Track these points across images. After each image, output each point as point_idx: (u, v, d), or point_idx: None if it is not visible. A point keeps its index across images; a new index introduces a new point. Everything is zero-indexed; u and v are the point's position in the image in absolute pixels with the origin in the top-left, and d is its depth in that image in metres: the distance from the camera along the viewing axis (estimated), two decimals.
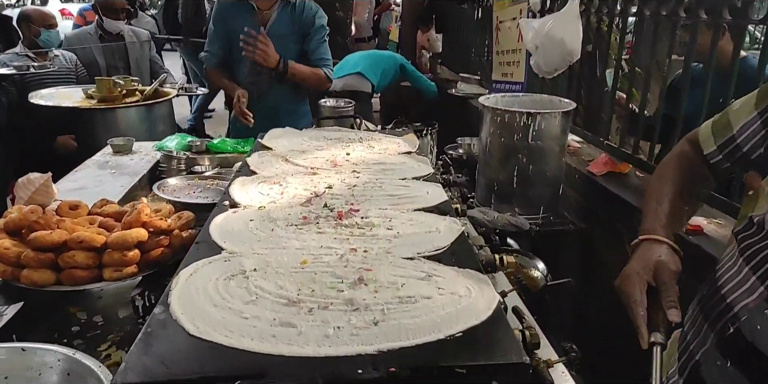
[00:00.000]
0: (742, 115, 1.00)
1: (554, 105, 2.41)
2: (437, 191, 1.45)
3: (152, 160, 2.40)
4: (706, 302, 0.93)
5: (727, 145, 1.03)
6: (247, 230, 1.19)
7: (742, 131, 0.99)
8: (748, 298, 0.84)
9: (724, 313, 0.87)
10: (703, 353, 0.91)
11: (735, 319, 0.85)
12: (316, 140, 1.97)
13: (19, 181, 1.61)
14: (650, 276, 0.97)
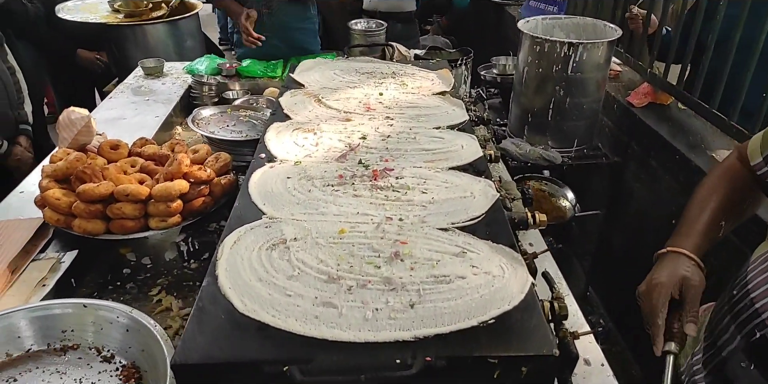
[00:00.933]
0: None
1: (598, 31, 2.28)
2: (472, 145, 1.44)
3: (184, 84, 2.38)
4: (736, 304, 0.96)
5: None
6: (285, 191, 1.22)
7: None
8: None
9: (752, 318, 0.90)
10: (729, 352, 0.95)
11: (763, 326, 0.87)
12: (348, 74, 1.93)
13: (60, 120, 1.63)
14: (676, 290, 0.98)
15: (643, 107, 2.33)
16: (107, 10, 2.93)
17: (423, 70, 1.96)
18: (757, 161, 1.04)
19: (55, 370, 1.03)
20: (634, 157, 2.32)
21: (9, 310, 1.04)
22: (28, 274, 1.23)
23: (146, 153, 1.59)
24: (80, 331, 1.07)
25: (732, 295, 1.02)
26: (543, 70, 2.17)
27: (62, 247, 1.36)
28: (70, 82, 3.65)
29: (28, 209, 1.47)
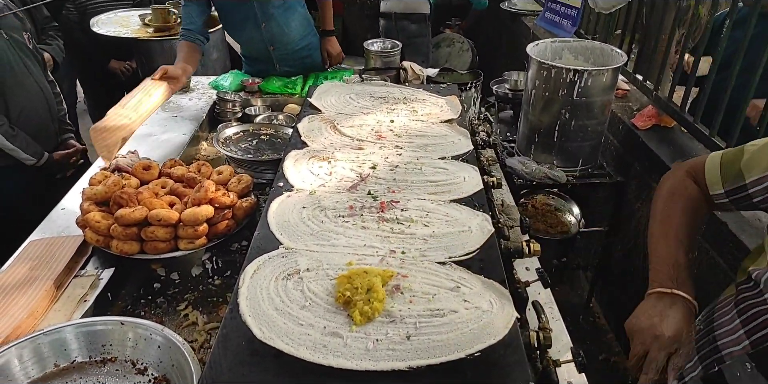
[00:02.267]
0: (756, 169, 1.04)
1: (605, 55, 2.36)
2: (474, 177, 1.55)
3: (209, 101, 2.53)
4: (701, 338, 1.06)
5: (737, 192, 1.09)
6: (300, 221, 1.36)
7: (756, 184, 1.04)
8: (734, 347, 0.96)
9: (713, 352, 1.01)
10: (691, 378, 1.06)
11: (721, 361, 0.98)
12: (362, 99, 2.05)
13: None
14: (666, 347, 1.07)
15: (647, 129, 2.41)
16: (138, 23, 3.08)
17: (433, 96, 2.08)
18: (718, 192, 1.13)
19: (96, 380, 1.18)
20: (636, 177, 2.41)
21: (59, 325, 1.19)
22: (71, 290, 1.39)
23: (175, 174, 1.74)
24: (118, 345, 1.22)
25: (699, 329, 1.13)
26: (549, 94, 2.26)
27: (101, 264, 1.51)
28: (99, 85, 3.83)
29: (70, 226, 1.63)
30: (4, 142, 2.09)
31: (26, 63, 2.22)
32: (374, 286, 1.10)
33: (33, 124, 2.22)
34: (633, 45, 2.74)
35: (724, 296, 1.14)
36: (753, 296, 0.96)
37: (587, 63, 2.44)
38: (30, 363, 1.14)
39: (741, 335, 0.96)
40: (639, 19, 2.73)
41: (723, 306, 1.07)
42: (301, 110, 2.03)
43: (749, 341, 0.94)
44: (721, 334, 1.03)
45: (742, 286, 1.01)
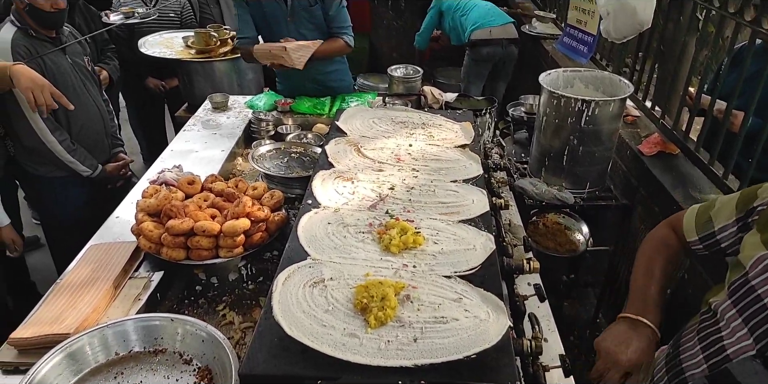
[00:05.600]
0: (723, 217, 1.23)
1: (614, 85, 2.53)
2: (482, 200, 1.74)
3: (245, 119, 2.76)
4: (670, 360, 1.24)
5: (708, 239, 1.28)
6: (325, 236, 1.55)
7: (722, 231, 1.23)
8: (695, 369, 1.13)
9: (679, 374, 1.18)
10: None
11: (684, 382, 1.15)
12: (384, 123, 2.25)
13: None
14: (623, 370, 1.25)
15: (653, 155, 2.56)
16: (181, 45, 3.34)
17: (449, 121, 2.27)
18: (693, 239, 1.31)
19: (149, 368, 1.39)
20: (641, 202, 2.56)
21: (122, 319, 1.40)
22: (127, 290, 1.60)
23: (216, 189, 1.96)
24: (169, 339, 1.42)
25: (669, 352, 1.29)
26: (559, 121, 2.43)
27: (152, 267, 1.73)
28: (140, 98, 4.11)
29: (125, 233, 1.85)
30: (65, 156, 2.35)
31: (86, 84, 2.48)
32: (388, 295, 1.28)
33: (90, 139, 2.48)
34: (644, 71, 2.90)
35: (690, 324, 1.30)
36: (711, 325, 1.13)
37: (597, 91, 2.60)
38: (98, 350, 1.35)
39: (700, 359, 1.12)
40: (654, 44, 2.88)
41: (688, 333, 1.24)
42: (329, 132, 2.24)
43: (707, 365, 1.11)
44: (685, 358, 1.20)
45: (704, 316, 1.17)
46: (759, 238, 1.12)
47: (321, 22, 2.80)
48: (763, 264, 1.09)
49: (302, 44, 2.69)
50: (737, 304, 1.09)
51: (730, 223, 1.22)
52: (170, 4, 3.75)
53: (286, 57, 2.65)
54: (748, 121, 2.05)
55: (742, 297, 1.09)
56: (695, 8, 2.48)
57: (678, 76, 2.61)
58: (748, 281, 1.10)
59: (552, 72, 2.61)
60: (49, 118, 2.36)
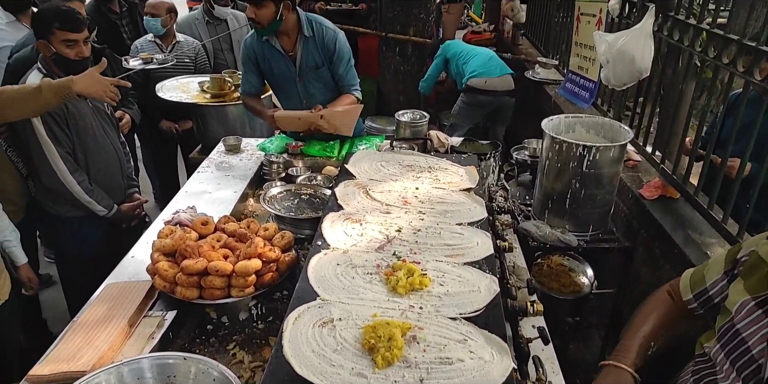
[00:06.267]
0: (713, 272, 1.32)
1: (614, 131, 2.61)
2: (486, 243, 1.79)
3: (257, 161, 2.86)
4: None
5: (701, 296, 1.36)
6: (334, 276, 1.61)
7: (713, 286, 1.32)
8: None
9: None
10: None
11: None
12: (391, 166, 2.33)
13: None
14: None
15: (653, 200, 2.62)
16: (197, 89, 3.48)
17: (455, 165, 2.35)
18: (688, 298, 1.39)
19: None
20: (642, 244, 2.61)
21: (138, 357, 1.44)
22: (141, 328, 1.65)
23: (228, 230, 2.02)
24: (182, 377, 1.46)
25: None
26: (561, 165, 2.51)
27: (165, 306, 1.78)
28: (154, 138, 4.24)
29: (139, 272, 1.91)
30: (83, 196, 2.44)
31: (105, 127, 2.59)
32: (395, 336, 1.33)
33: (107, 180, 2.58)
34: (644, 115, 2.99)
35: (686, 367, 1.35)
36: (707, 368, 1.18)
37: (598, 136, 2.69)
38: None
39: None
40: (653, 89, 2.98)
41: (684, 375, 1.28)
42: (338, 175, 2.32)
43: None
44: None
45: (699, 359, 1.22)
46: (743, 285, 1.20)
47: (329, 81, 2.93)
48: (746, 308, 1.15)
49: (341, 111, 2.78)
50: (724, 347, 1.14)
51: (719, 277, 1.32)
52: (186, 51, 3.92)
53: (325, 124, 2.75)
54: (744, 167, 2.12)
55: (728, 340, 1.14)
56: (692, 56, 2.59)
57: (677, 121, 2.70)
58: (734, 325, 1.17)
59: (554, 118, 2.70)
60: (69, 160, 2.46)
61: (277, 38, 2.79)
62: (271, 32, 2.73)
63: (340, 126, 2.79)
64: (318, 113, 2.75)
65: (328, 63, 2.87)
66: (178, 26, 4.06)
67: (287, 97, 3.00)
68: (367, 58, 5.60)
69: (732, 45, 2.16)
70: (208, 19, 4.19)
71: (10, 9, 3.49)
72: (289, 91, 2.96)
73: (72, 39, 2.37)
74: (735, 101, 2.52)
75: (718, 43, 2.26)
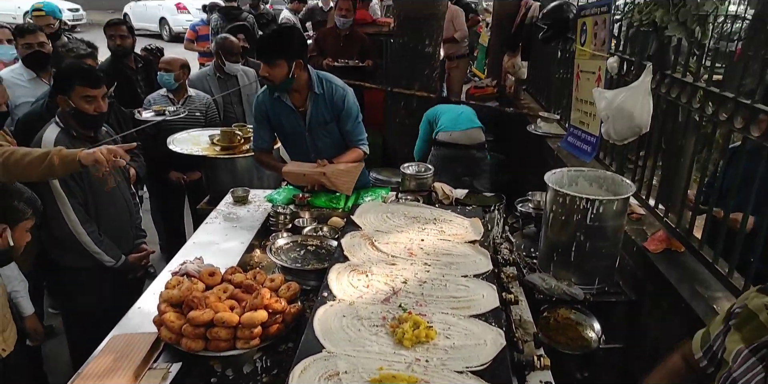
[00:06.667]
0: (716, 328, 1.36)
1: (616, 185, 2.65)
2: (491, 295, 1.80)
3: (264, 212, 2.90)
4: None
5: (708, 352, 1.40)
6: (340, 328, 1.61)
7: (716, 340, 1.36)
8: None
9: None
10: None
11: None
12: (397, 217, 2.36)
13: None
14: None
15: (658, 253, 2.63)
16: (207, 142, 3.58)
17: (459, 217, 2.38)
18: (698, 356, 1.40)
19: None
20: (649, 297, 2.59)
21: None
22: (146, 380, 1.64)
23: (235, 280, 2.04)
24: None
25: None
26: (565, 217, 2.53)
27: (170, 358, 1.77)
28: (163, 191, 4.30)
29: (145, 323, 1.91)
30: (92, 246, 2.47)
31: (116, 179, 2.65)
32: None
33: (116, 230, 2.61)
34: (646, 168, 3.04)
35: None
36: None
37: (601, 189, 2.73)
38: None
39: None
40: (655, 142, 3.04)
41: None
42: (344, 226, 2.35)
43: None
44: None
45: None
46: (738, 336, 1.26)
47: (337, 136, 3.03)
48: (741, 356, 1.21)
49: (342, 169, 2.86)
50: None
51: (720, 331, 1.37)
52: (198, 105, 4.05)
53: (327, 181, 2.82)
54: (746, 221, 2.14)
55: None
56: (690, 112, 2.66)
57: (679, 174, 2.74)
58: (731, 375, 1.22)
59: (557, 171, 2.76)
60: (80, 210, 2.50)
61: (288, 95, 2.89)
62: (284, 90, 2.83)
63: (340, 184, 2.86)
64: (321, 170, 2.82)
65: (337, 119, 2.96)
66: (191, 81, 4.21)
67: (296, 150, 3.08)
68: (372, 111, 5.75)
69: (728, 102, 2.23)
70: (219, 75, 4.35)
71: (31, 67, 3.63)
72: (298, 145, 3.04)
73: (91, 95, 2.47)
74: (734, 154, 2.57)
75: (714, 100, 2.33)
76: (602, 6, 3.34)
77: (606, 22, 3.30)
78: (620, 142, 3.14)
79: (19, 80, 3.59)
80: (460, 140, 4.50)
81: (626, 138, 3.09)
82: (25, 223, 2.13)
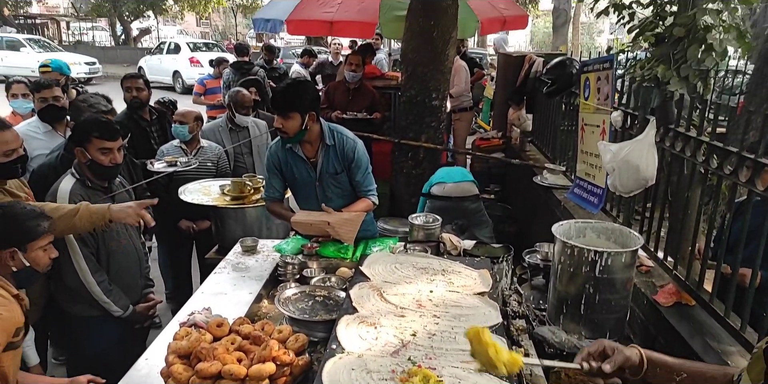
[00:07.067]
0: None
1: (624, 237, 2.66)
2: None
3: (272, 262, 2.91)
4: None
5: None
6: (349, 382, 1.59)
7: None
8: None
9: None
10: None
11: None
12: (406, 268, 2.37)
13: None
14: None
15: (669, 306, 2.60)
16: (218, 192, 3.64)
17: (468, 269, 2.38)
18: None
19: None
20: (660, 351, 2.54)
21: None
22: None
23: (243, 332, 2.03)
24: None
25: None
26: (574, 269, 2.52)
27: None
28: (173, 240, 4.33)
29: (152, 375, 1.90)
30: (101, 296, 2.48)
31: (128, 229, 2.70)
32: None
33: (125, 280, 2.63)
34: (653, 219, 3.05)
35: None
36: None
37: (609, 241, 2.73)
38: None
39: None
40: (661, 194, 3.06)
41: None
42: (353, 276, 2.36)
43: None
44: None
45: None
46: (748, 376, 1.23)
47: (346, 186, 3.10)
48: None
49: (347, 218, 2.92)
50: None
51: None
52: (210, 156, 4.14)
53: (331, 231, 2.88)
54: (756, 277, 2.14)
55: None
56: (695, 166, 2.70)
57: (686, 226, 2.75)
58: None
59: (564, 223, 2.77)
60: (91, 260, 2.53)
61: (300, 146, 2.97)
62: (297, 141, 2.91)
63: (343, 234, 2.90)
64: (326, 219, 2.87)
65: (347, 169, 3.04)
66: (203, 133, 4.32)
67: (306, 200, 3.13)
68: (380, 161, 5.83)
69: (732, 156, 2.27)
70: (231, 127, 4.47)
71: (47, 120, 3.76)
72: (308, 195, 3.10)
73: (107, 147, 2.55)
74: (740, 207, 2.58)
75: (718, 154, 2.37)
76: (605, 62, 3.46)
77: (609, 77, 3.40)
78: (626, 194, 3.17)
79: (34, 133, 3.71)
80: (453, 192, 4.61)
81: (632, 190, 3.12)
82: (38, 242, 2.12)
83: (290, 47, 20.35)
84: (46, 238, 2.15)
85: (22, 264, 2.08)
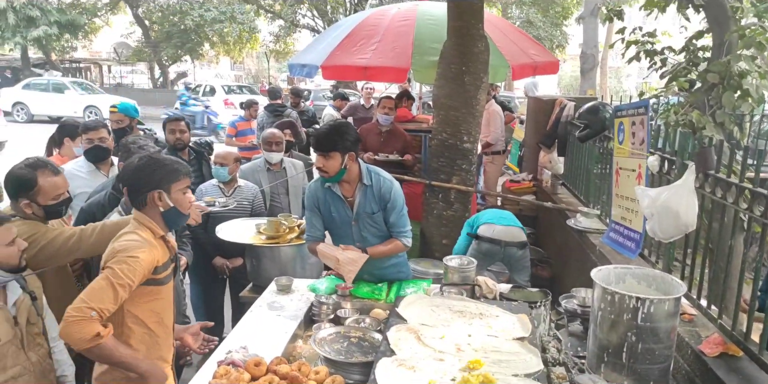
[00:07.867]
0: None
1: (666, 284, 2.60)
2: None
3: (307, 301, 2.92)
4: None
5: None
6: None
7: None
8: None
9: None
10: None
11: None
12: (442, 311, 2.35)
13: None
14: None
15: (715, 357, 2.51)
16: (254, 231, 3.69)
17: (506, 313, 2.35)
18: None
19: None
20: None
21: None
22: None
23: (281, 372, 2.03)
24: None
25: None
26: (614, 316, 2.46)
27: None
28: (207, 278, 4.36)
29: None
30: None
31: None
32: None
33: None
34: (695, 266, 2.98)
35: None
36: None
37: (650, 288, 2.67)
38: None
39: None
40: (702, 241, 3.00)
41: None
42: (388, 318, 2.34)
43: None
44: None
45: None
46: None
47: (381, 226, 3.14)
48: None
49: (352, 258, 2.96)
50: None
51: None
52: (246, 195, 4.22)
53: (338, 268, 2.96)
54: None
55: None
56: (737, 212, 2.65)
57: (730, 275, 2.68)
58: None
59: (603, 268, 2.72)
60: None
61: (338, 185, 3.03)
62: (336, 180, 2.98)
63: (345, 272, 2.96)
64: (338, 256, 2.94)
65: (383, 210, 3.07)
66: (241, 172, 4.42)
67: (342, 239, 3.16)
68: (411, 202, 5.82)
69: None
70: (269, 167, 4.56)
71: (91, 160, 3.90)
72: (344, 234, 3.14)
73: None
74: None
75: (762, 200, 2.33)
76: (640, 107, 3.47)
77: (644, 122, 3.40)
78: (666, 240, 3.11)
79: (79, 172, 3.84)
80: (502, 236, 4.52)
81: (672, 236, 3.06)
82: (179, 184, 2.31)
83: (321, 90, 20.94)
84: (185, 181, 2.34)
85: (168, 205, 2.28)
